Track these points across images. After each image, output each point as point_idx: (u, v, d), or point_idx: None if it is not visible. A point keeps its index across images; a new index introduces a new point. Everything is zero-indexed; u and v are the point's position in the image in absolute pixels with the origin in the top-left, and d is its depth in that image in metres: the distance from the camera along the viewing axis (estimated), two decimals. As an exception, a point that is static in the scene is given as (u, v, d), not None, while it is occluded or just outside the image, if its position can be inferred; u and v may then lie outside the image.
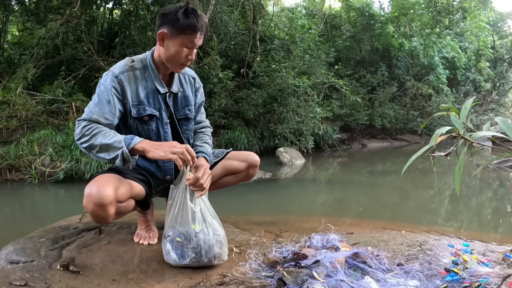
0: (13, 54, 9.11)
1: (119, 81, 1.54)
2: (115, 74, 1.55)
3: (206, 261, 1.44)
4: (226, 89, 8.51)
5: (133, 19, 9.50)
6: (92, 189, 1.40)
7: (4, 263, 1.52)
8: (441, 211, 3.91)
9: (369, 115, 12.04)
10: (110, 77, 1.55)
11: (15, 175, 5.54)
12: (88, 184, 1.44)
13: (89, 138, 1.45)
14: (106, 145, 1.43)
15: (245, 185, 5.06)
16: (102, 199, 1.39)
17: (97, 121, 1.49)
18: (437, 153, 1.14)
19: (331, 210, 4.13)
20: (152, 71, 1.60)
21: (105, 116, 1.51)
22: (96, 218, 1.46)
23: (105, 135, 1.45)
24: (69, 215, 2.16)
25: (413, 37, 13.45)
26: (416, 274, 1.26)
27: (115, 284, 1.36)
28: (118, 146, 1.42)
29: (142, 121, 1.60)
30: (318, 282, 1.19)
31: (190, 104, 1.74)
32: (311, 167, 7.70)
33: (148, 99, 1.60)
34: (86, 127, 1.47)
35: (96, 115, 1.50)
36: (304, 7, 16.48)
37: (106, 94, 1.52)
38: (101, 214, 1.42)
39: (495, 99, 17.41)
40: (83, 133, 1.46)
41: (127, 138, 1.44)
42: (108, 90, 1.53)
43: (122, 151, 1.41)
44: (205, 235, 1.45)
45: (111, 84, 1.53)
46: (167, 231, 1.48)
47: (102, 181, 1.45)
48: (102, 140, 1.43)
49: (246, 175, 1.89)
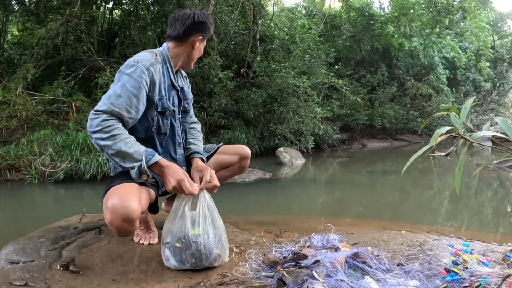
0: (13, 54, 9.10)
1: (150, 73, 1.52)
2: (146, 66, 1.51)
3: (206, 264, 1.44)
4: (226, 89, 8.51)
5: (133, 19, 9.49)
6: (117, 203, 1.31)
7: (4, 263, 1.52)
8: (441, 211, 3.91)
9: (369, 115, 12.04)
10: (140, 68, 1.49)
11: (15, 175, 5.54)
12: (108, 197, 1.37)
13: (107, 137, 1.38)
14: (125, 153, 1.38)
15: (245, 185, 5.09)
16: (130, 214, 1.30)
17: (119, 115, 1.43)
18: (437, 153, 1.14)
19: (331, 210, 4.13)
20: (170, 66, 1.65)
21: (129, 110, 1.45)
22: (122, 233, 1.37)
23: (126, 142, 1.39)
24: (69, 215, 2.16)
25: (413, 37, 13.44)
26: (416, 274, 1.26)
27: (115, 284, 1.36)
28: (137, 158, 1.38)
29: (163, 115, 1.62)
30: (318, 282, 1.19)
31: (188, 98, 1.81)
32: (311, 167, 7.70)
33: (166, 94, 1.63)
34: (107, 121, 1.39)
35: (118, 108, 1.43)
36: (304, 7, 16.48)
37: (133, 87, 1.46)
38: (129, 228, 1.35)
39: (495, 99, 17.40)
40: (103, 128, 1.38)
41: (148, 152, 1.41)
42: (138, 82, 1.47)
43: (140, 164, 1.38)
44: (205, 239, 1.43)
45: (142, 77, 1.48)
46: (165, 237, 1.46)
47: (125, 193, 1.37)
48: (122, 146, 1.38)
49: (239, 167, 1.93)
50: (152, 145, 1.61)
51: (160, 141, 1.66)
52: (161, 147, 1.66)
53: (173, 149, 1.70)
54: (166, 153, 1.67)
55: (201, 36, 1.66)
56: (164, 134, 1.65)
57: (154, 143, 1.63)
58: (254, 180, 5.43)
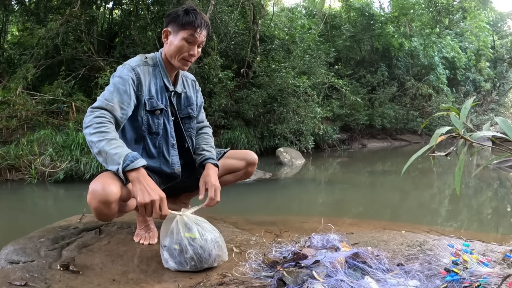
0: (13, 54, 9.11)
1: (136, 73, 1.59)
2: (132, 67, 1.59)
3: (206, 266, 1.44)
4: (226, 89, 8.51)
5: (133, 19, 9.50)
6: (97, 186, 1.37)
7: (4, 263, 1.52)
8: (441, 211, 3.91)
9: (369, 115, 12.04)
10: (127, 68, 1.58)
11: (15, 175, 5.54)
12: (92, 181, 1.42)
13: (94, 133, 1.40)
14: (106, 153, 1.39)
15: (245, 185, 5.09)
16: (107, 196, 1.36)
17: (112, 110, 1.48)
18: (437, 153, 1.14)
19: (331, 210, 4.13)
20: (162, 69, 1.69)
21: (121, 105, 1.51)
22: (99, 215, 1.43)
23: (111, 142, 1.40)
24: (69, 215, 2.16)
25: (413, 37, 13.45)
26: (416, 274, 1.26)
27: (115, 284, 1.36)
28: (117, 161, 1.38)
29: (153, 115, 1.65)
30: (318, 282, 1.19)
31: (192, 104, 1.82)
32: (311, 167, 7.70)
33: (157, 95, 1.66)
34: (99, 118, 1.43)
35: (112, 103, 1.48)
36: (304, 7, 16.48)
37: (123, 85, 1.54)
38: (105, 211, 1.40)
39: (495, 99, 17.41)
40: (93, 124, 1.42)
41: (130, 156, 1.39)
42: (126, 80, 1.55)
43: (117, 169, 1.38)
44: (202, 242, 1.42)
45: (128, 75, 1.56)
46: (163, 240, 1.47)
47: (107, 178, 1.41)
48: (105, 145, 1.39)
49: (245, 173, 1.96)
50: (145, 145, 1.66)
51: (153, 141, 1.68)
52: (154, 147, 1.68)
53: (166, 149, 1.71)
54: (159, 153, 1.69)
55: (170, 28, 1.64)
56: (156, 133, 1.67)
57: (146, 142, 1.66)
58: (254, 180, 5.43)
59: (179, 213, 1.48)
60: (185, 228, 1.44)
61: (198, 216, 1.52)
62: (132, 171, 1.38)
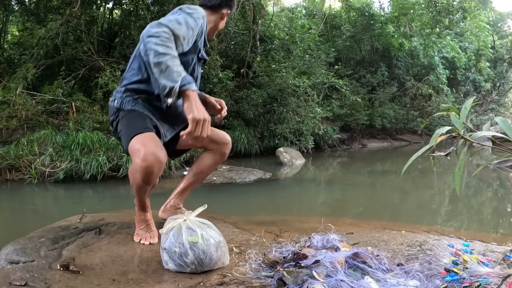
0: (13, 54, 9.11)
1: (204, 22, 1.74)
2: (203, 15, 1.73)
3: (206, 269, 1.43)
4: (226, 89, 8.51)
5: (133, 19, 9.50)
6: (150, 146, 1.48)
7: (4, 263, 1.52)
8: (441, 211, 3.91)
9: (369, 115, 12.04)
10: (201, 14, 1.70)
11: (15, 175, 5.54)
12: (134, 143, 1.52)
13: (161, 44, 1.42)
14: (167, 67, 1.41)
15: (245, 185, 5.09)
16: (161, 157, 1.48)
17: (176, 38, 1.51)
18: (437, 153, 1.14)
19: (331, 210, 4.13)
20: (206, 27, 1.81)
21: (184, 38, 1.56)
22: (148, 176, 1.52)
23: (174, 58, 1.44)
24: (69, 215, 2.15)
25: (413, 37, 13.44)
26: (416, 274, 1.26)
27: (115, 284, 1.36)
28: (175, 78, 1.40)
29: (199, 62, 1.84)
30: (318, 282, 1.19)
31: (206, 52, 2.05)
32: (311, 167, 7.70)
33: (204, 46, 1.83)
34: (167, 34, 1.46)
35: (179, 32, 1.52)
36: (304, 7, 16.47)
37: (194, 25, 1.62)
38: (156, 171, 1.50)
39: (495, 99, 17.40)
40: (162, 36, 1.44)
41: (187, 78, 1.44)
42: (197, 23, 1.64)
43: (173, 86, 1.40)
44: (204, 247, 1.41)
45: (201, 20, 1.68)
46: (163, 242, 1.46)
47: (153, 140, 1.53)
48: (169, 60, 1.41)
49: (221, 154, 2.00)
50: None
51: None
52: None
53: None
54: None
55: (229, 10, 1.90)
56: (194, 78, 1.78)
57: None
58: (254, 180, 5.43)
59: (183, 218, 1.47)
60: (188, 232, 1.43)
61: (203, 220, 1.51)
62: (188, 91, 1.44)
